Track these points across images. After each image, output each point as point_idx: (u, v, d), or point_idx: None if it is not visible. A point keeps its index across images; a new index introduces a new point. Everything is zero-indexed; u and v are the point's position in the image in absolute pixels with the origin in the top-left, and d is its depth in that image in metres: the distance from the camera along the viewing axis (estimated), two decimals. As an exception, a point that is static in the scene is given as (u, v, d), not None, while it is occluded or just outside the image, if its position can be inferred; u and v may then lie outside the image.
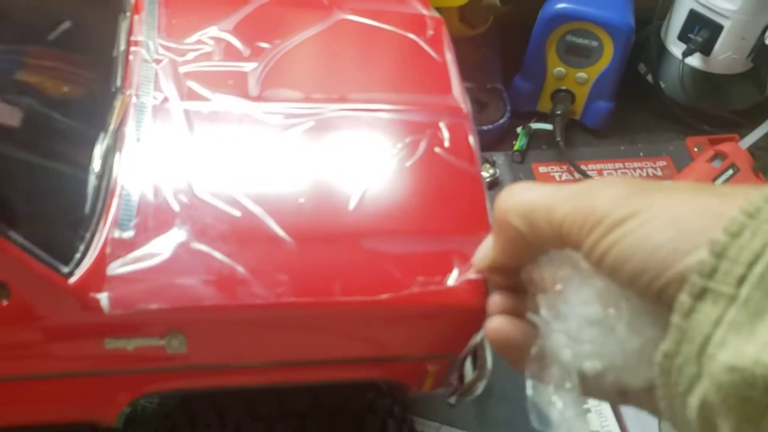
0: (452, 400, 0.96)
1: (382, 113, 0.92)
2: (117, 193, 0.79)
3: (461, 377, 0.96)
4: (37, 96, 0.79)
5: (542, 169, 1.65)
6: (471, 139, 0.93)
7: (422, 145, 0.89)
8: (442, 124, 0.92)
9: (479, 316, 0.79)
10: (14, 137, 0.74)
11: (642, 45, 1.72)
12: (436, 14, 1.11)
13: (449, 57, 1.03)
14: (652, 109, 1.75)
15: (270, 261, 0.77)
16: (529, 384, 0.59)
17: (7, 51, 0.80)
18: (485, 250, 0.64)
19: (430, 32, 1.04)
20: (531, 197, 0.53)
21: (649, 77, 1.74)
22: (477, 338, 0.83)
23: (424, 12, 1.08)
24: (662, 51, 1.72)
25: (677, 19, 1.67)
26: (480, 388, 0.97)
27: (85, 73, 0.87)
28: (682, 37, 1.67)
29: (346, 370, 0.83)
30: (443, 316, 0.78)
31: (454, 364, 0.85)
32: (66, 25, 0.85)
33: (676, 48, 1.68)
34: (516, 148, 1.66)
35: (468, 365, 0.97)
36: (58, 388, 0.80)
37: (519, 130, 1.68)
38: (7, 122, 0.73)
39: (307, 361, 0.81)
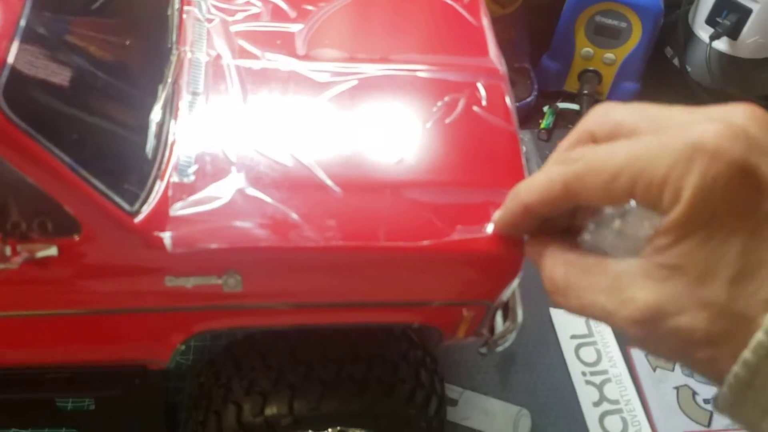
0: (483, 349, 1.00)
1: (421, 73, 0.97)
2: (177, 141, 0.84)
3: (492, 329, 1.00)
4: (102, 52, 0.84)
5: (568, 147, 1.69)
6: (507, 98, 0.97)
7: (461, 104, 0.94)
8: (479, 84, 0.96)
9: (515, 264, 0.84)
10: (84, 91, 0.79)
11: (669, 29, 1.75)
12: None
13: (485, 22, 1.07)
14: (677, 93, 1.77)
15: (319, 207, 0.81)
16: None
17: (75, 11, 0.86)
18: (537, 186, 0.58)
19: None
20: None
21: (676, 61, 1.76)
22: (511, 287, 0.87)
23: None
24: (689, 35, 1.75)
25: (705, 3, 1.70)
26: (510, 339, 1.02)
27: (142, 30, 0.92)
28: (710, 21, 1.69)
29: (388, 313, 0.88)
30: (480, 263, 0.82)
31: (489, 310, 0.90)
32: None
33: (704, 32, 1.71)
34: (542, 126, 1.69)
35: (499, 318, 1.02)
36: (118, 324, 0.85)
37: (546, 108, 1.72)
38: (77, 78, 0.78)
39: (351, 302, 0.86)
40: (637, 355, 1.38)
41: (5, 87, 0.69)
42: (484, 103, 0.95)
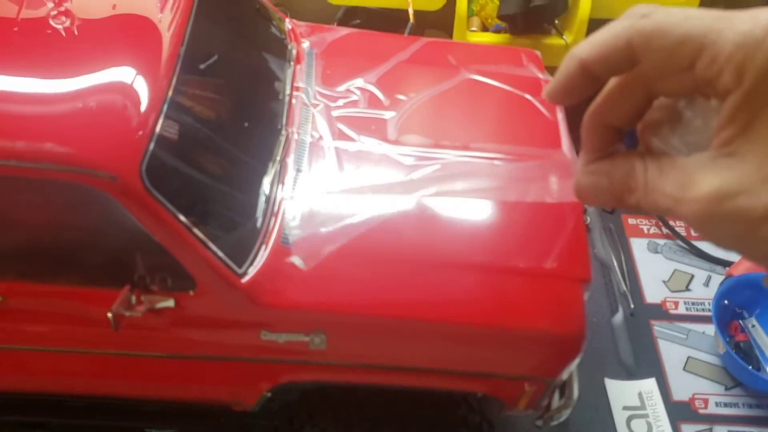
0: (539, 422, 1.07)
1: (498, 161, 1.06)
2: (281, 212, 0.96)
3: (549, 403, 1.08)
4: (223, 130, 0.97)
5: (631, 220, 1.74)
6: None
7: (532, 193, 1.03)
8: (552, 177, 1.05)
9: (576, 344, 0.92)
10: (209, 164, 0.92)
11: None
12: (550, 77, 1.25)
13: (560, 116, 1.16)
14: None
15: (401, 280, 0.91)
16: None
17: (216, 94, 0.98)
18: (598, 40, 0.63)
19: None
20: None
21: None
22: (572, 366, 0.95)
23: (539, 75, 1.22)
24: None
25: None
26: (565, 414, 1.09)
27: (258, 111, 1.05)
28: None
29: (456, 381, 0.97)
30: (545, 342, 0.91)
31: (549, 387, 0.98)
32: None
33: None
34: (607, 199, 1.76)
35: (556, 393, 1.09)
36: (216, 369, 0.96)
37: (611, 183, 1.78)
38: (204, 151, 0.91)
39: (423, 368, 0.95)
40: (688, 431, 1.42)
41: (149, 160, 0.82)
42: (554, 193, 1.04)
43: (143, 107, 0.84)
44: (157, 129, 0.83)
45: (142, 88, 0.85)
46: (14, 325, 0.92)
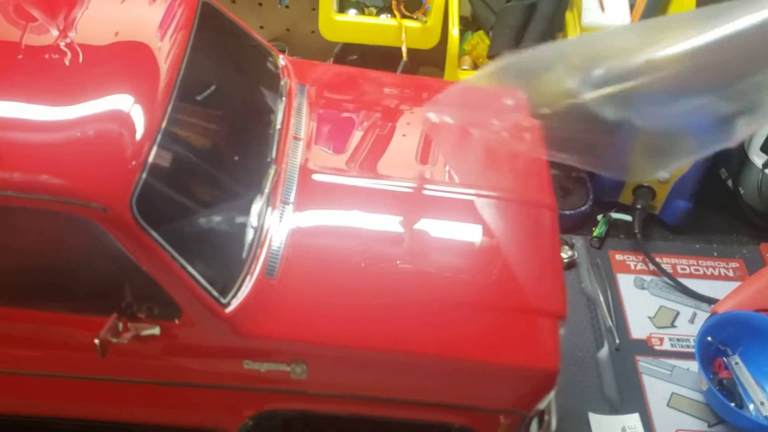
0: (517, 454, 1.09)
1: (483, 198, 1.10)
2: (266, 243, 0.99)
3: (527, 435, 1.10)
4: (213, 161, 1.00)
5: (618, 256, 1.76)
6: (556, 226, 1.09)
7: (514, 229, 1.06)
8: (532, 212, 1.09)
9: (551, 379, 0.94)
10: (198, 196, 0.95)
11: (725, 151, 1.82)
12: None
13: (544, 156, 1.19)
14: (729, 213, 1.84)
15: (384, 313, 0.94)
16: None
17: (209, 125, 1.01)
18: None
19: (528, 135, 1.21)
20: None
21: (730, 182, 1.84)
22: (547, 398, 0.97)
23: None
24: (744, 159, 1.82)
25: (761, 132, 1.78)
26: (543, 447, 1.11)
27: (252, 144, 1.08)
28: (765, 148, 1.77)
29: (434, 412, 0.99)
30: (521, 376, 0.93)
31: (525, 419, 1.00)
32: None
33: (758, 158, 1.78)
34: (595, 234, 1.78)
35: (534, 424, 1.11)
36: (199, 396, 0.99)
37: (600, 217, 1.81)
38: (194, 183, 0.94)
39: (403, 400, 0.97)
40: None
41: (140, 192, 0.85)
42: (534, 228, 1.07)
43: (137, 137, 0.87)
44: (149, 160, 0.87)
45: (137, 118, 0.89)
46: (4, 349, 0.94)
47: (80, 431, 1.07)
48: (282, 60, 1.24)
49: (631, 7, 1.72)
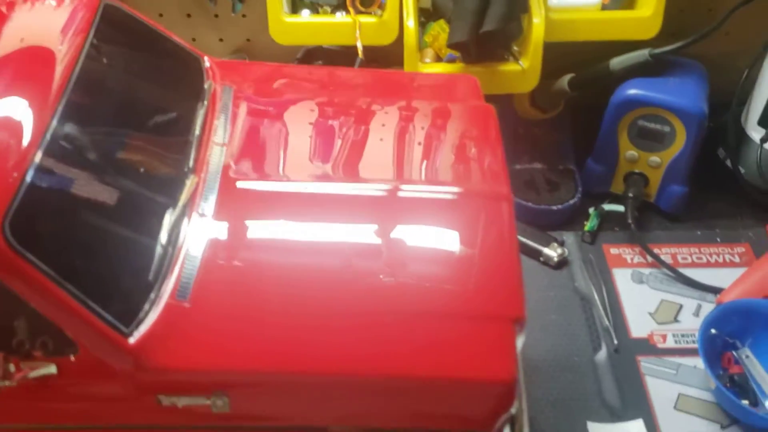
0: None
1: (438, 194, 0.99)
2: (179, 262, 0.88)
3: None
4: (114, 169, 0.91)
5: (613, 250, 1.64)
6: (513, 221, 0.98)
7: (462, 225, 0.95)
8: (485, 205, 0.97)
9: (508, 393, 0.82)
10: (92, 213, 0.85)
11: (721, 129, 1.71)
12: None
13: (498, 141, 1.08)
14: (731, 195, 1.72)
15: (313, 332, 0.83)
16: None
17: (110, 133, 0.93)
18: None
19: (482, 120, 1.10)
20: None
21: (729, 162, 1.72)
22: (510, 412, 0.85)
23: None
24: (741, 136, 1.70)
25: (758, 105, 1.66)
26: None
27: (164, 153, 0.99)
28: (762, 122, 1.65)
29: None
30: (472, 391, 0.82)
31: (486, 441, 0.88)
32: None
33: (756, 133, 1.66)
34: (587, 228, 1.66)
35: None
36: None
37: (591, 210, 1.69)
38: (86, 199, 0.84)
39: (338, 426, 0.86)
40: (680, 477, 1.30)
41: (12, 218, 0.75)
42: (492, 224, 0.96)
43: (15, 153, 0.78)
44: (28, 177, 0.77)
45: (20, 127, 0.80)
46: None
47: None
48: (207, 62, 1.14)
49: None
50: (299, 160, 1.02)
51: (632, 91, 1.58)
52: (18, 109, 0.83)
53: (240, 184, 0.98)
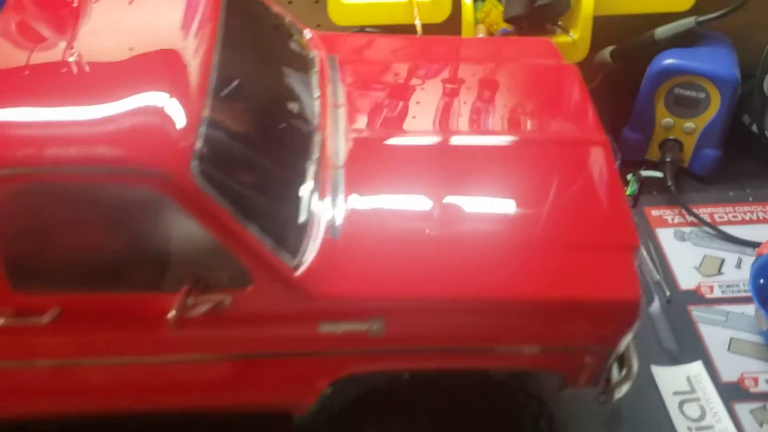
0: (602, 398, 1.06)
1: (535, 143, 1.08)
2: (326, 205, 0.96)
3: (608, 380, 1.07)
4: (265, 132, 0.98)
5: (654, 212, 1.74)
6: (613, 162, 1.07)
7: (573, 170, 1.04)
8: (586, 150, 1.07)
9: (634, 310, 0.91)
10: (256, 164, 0.93)
11: (746, 97, 1.82)
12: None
13: (586, 96, 1.18)
14: (757, 157, 1.82)
15: (455, 260, 0.92)
16: None
17: (251, 100, 0.99)
18: None
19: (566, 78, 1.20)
20: None
21: (754, 127, 1.82)
22: (631, 332, 0.94)
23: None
24: (765, 101, 1.81)
25: (777, 71, 1.77)
26: (624, 389, 1.08)
27: (294, 114, 1.06)
28: (786, 89, 1.76)
29: (519, 358, 0.96)
30: (604, 310, 0.90)
31: (609, 357, 0.97)
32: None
33: (779, 97, 1.77)
34: (628, 193, 1.75)
35: (614, 369, 1.08)
36: (275, 367, 0.95)
37: (629, 176, 1.79)
38: (251, 153, 0.92)
39: (486, 348, 0.94)
40: (742, 410, 1.40)
41: (198, 160, 0.82)
42: (590, 167, 1.05)
43: (187, 107, 0.85)
44: (203, 128, 0.85)
45: (182, 101, 0.87)
46: (71, 338, 0.91)
47: (149, 428, 1.03)
48: (308, 33, 1.22)
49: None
50: (415, 115, 1.10)
51: (670, 61, 1.68)
52: (179, 83, 0.89)
53: (361, 138, 1.06)
